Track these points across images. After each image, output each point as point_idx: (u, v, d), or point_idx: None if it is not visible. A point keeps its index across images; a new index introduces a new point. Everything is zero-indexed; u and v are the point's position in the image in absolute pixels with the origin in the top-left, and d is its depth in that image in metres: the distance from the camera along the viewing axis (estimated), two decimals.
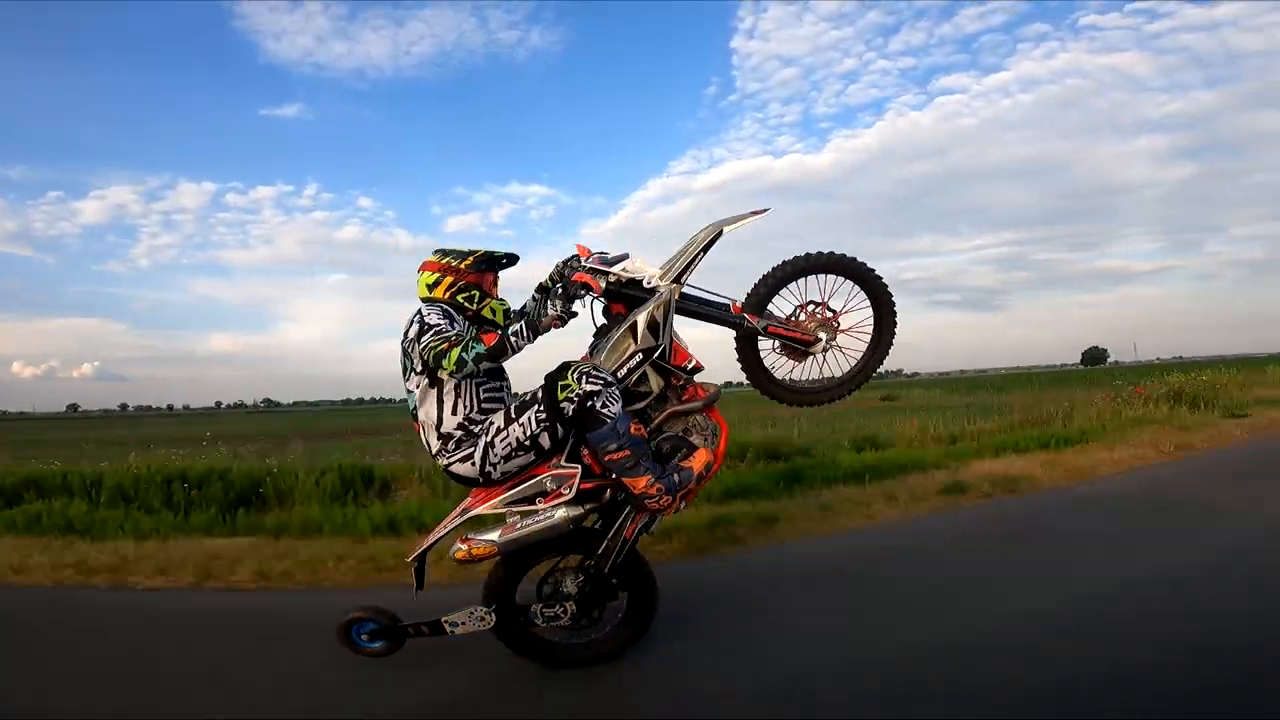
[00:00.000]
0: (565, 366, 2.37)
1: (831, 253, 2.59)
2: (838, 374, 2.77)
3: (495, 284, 2.64)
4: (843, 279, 2.63)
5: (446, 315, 2.39)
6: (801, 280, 2.64)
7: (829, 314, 2.65)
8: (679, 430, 2.54)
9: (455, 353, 2.23)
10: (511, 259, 2.63)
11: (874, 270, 2.66)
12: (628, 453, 2.29)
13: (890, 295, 2.68)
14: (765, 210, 2.57)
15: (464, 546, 2.40)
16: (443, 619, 2.49)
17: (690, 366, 2.51)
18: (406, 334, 2.40)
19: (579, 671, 2.57)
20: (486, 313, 2.57)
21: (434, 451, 2.45)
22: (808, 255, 2.59)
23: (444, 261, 2.54)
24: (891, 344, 2.74)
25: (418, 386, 2.43)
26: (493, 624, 2.48)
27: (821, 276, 2.62)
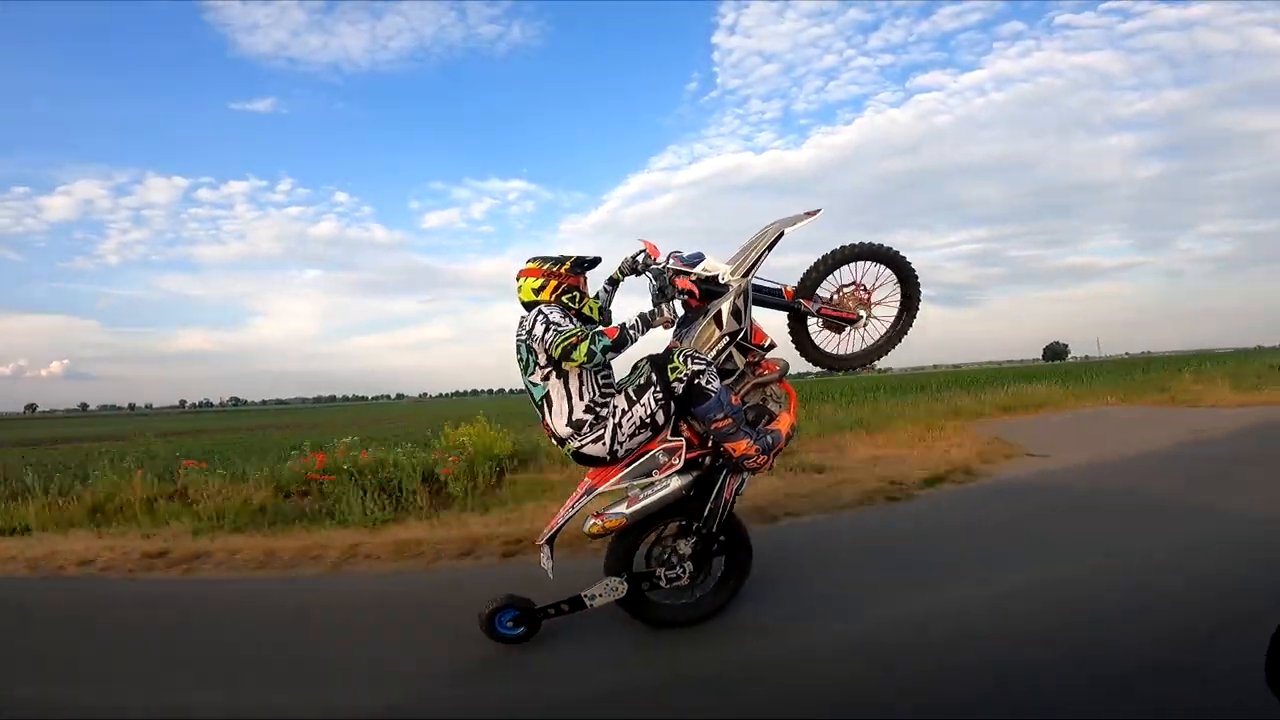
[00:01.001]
0: (670, 351, 2.70)
1: (867, 242, 2.97)
2: (869, 343, 3.14)
3: (587, 285, 2.92)
4: (874, 263, 3.00)
5: (565, 313, 2.69)
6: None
7: (864, 293, 3.02)
8: (760, 400, 2.90)
9: (585, 346, 2.50)
10: (596, 261, 2.91)
11: (901, 253, 3.02)
12: (730, 420, 2.62)
13: (915, 273, 3.04)
14: (819, 211, 2.93)
15: (597, 521, 2.64)
16: (581, 594, 2.71)
17: (767, 345, 2.89)
18: (530, 332, 2.60)
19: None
20: (586, 310, 2.85)
21: (563, 437, 2.68)
22: (847, 246, 2.96)
23: (545, 267, 2.80)
24: (917, 313, 3.11)
25: (544, 379, 2.66)
26: (625, 592, 2.72)
27: (858, 263, 3.00)
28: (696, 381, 2.59)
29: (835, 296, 3.02)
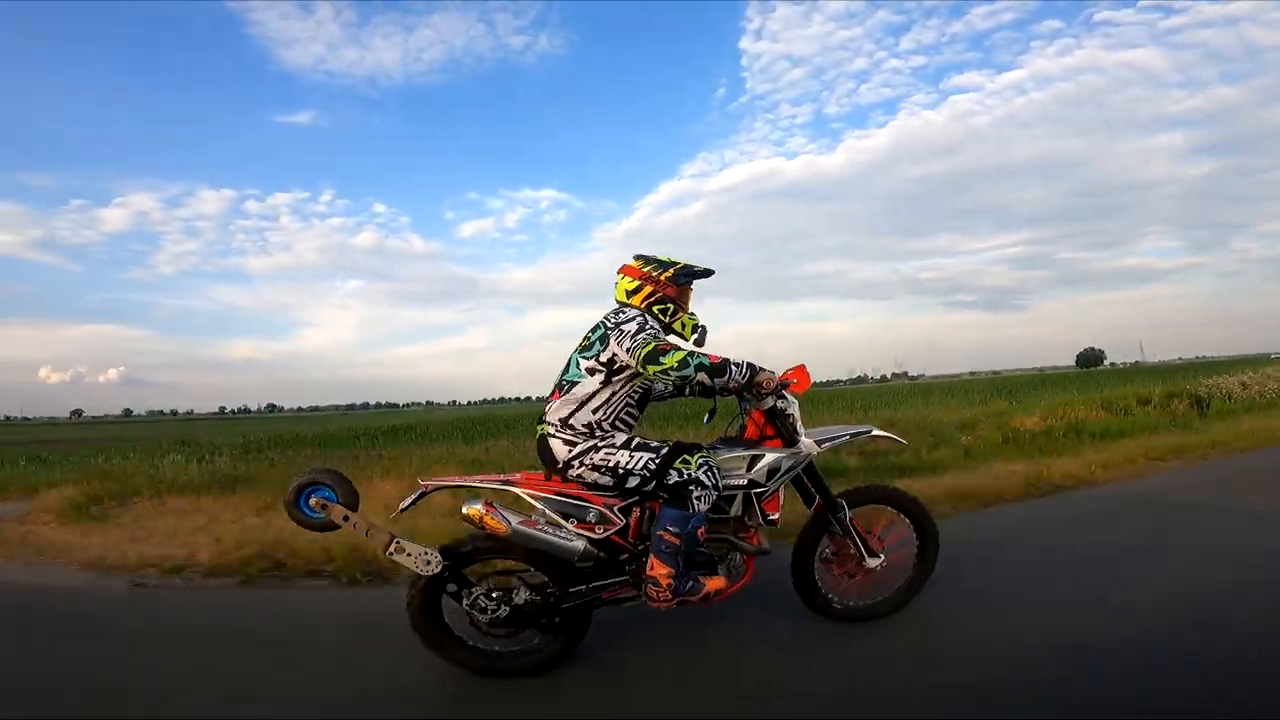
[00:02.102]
0: (696, 448, 2.50)
1: (898, 490, 2.98)
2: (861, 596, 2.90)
3: (689, 298, 2.71)
4: (896, 510, 2.91)
5: (655, 327, 2.52)
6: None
7: (881, 540, 2.87)
8: (716, 553, 2.62)
9: (682, 354, 2.31)
10: (708, 273, 2.72)
11: (926, 511, 2.95)
12: (678, 542, 2.36)
13: (936, 532, 2.93)
14: (906, 445, 3.14)
15: (482, 509, 2.38)
16: (396, 537, 2.40)
17: (772, 518, 2.63)
18: (620, 325, 2.45)
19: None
20: (677, 326, 2.63)
21: (549, 419, 2.52)
22: (888, 489, 2.98)
23: (645, 270, 2.62)
24: (930, 574, 2.95)
25: (589, 372, 2.48)
26: (429, 575, 2.41)
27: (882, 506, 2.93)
28: (690, 489, 2.37)
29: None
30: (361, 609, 3.37)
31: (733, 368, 2.40)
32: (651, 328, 2.46)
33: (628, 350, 2.39)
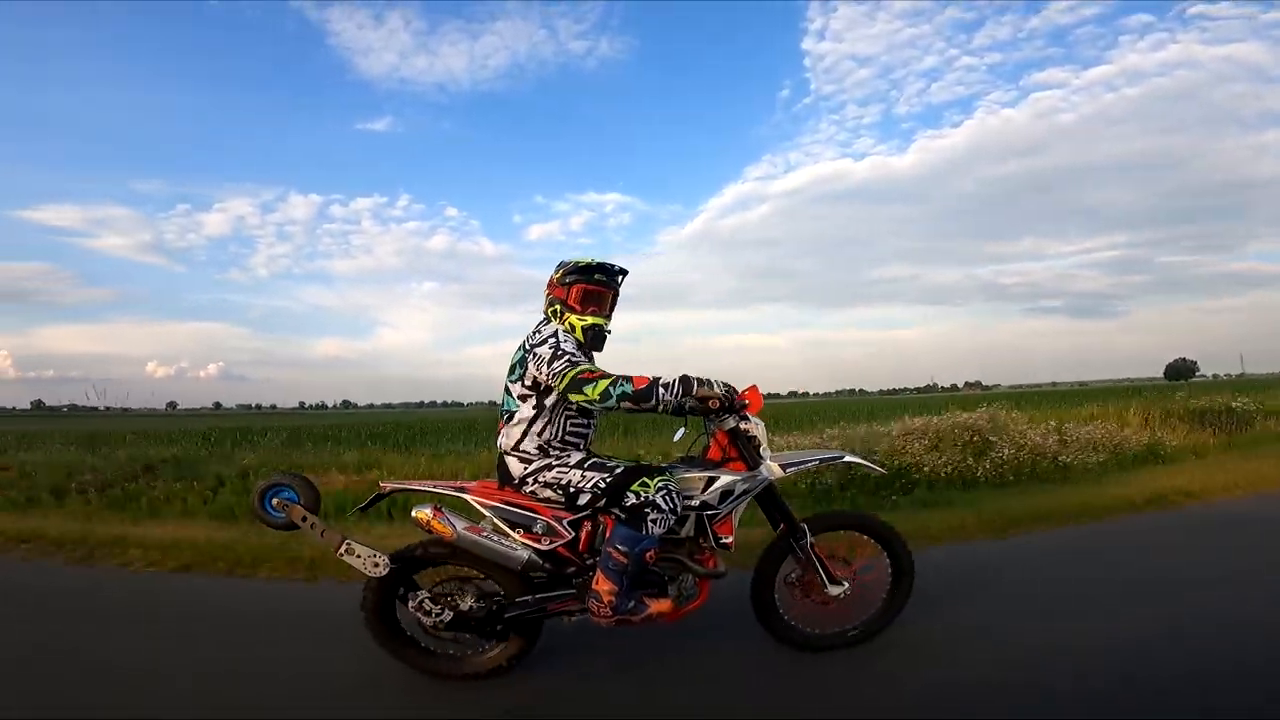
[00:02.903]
0: (656, 471, 2.45)
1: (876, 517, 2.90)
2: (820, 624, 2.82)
3: (592, 298, 2.58)
4: (870, 537, 2.83)
5: (580, 347, 2.49)
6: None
7: (848, 566, 2.80)
8: (668, 574, 2.59)
9: (604, 385, 2.28)
10: (608, 269, 2.59)
11: (902, 540, 2.85)
12: (625, 561, 2.35)
13: (911, 562, 2.84)
14: (884, 472, 3.23)
15: (430, 513, 2.45)
16: (347, 539, 2.49)
17: (725, 541, 2.58)
18: (535, 349, 2.44)
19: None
20: (565, 327, 2.55)
21: (502, 448, 2.56)
22: (864, 516, 2.96)
23: (552, 275, 2.64)
24: (903, 606, 2.86)
25: (521, 399, 2.50)
26: (378, 576, 2.49)
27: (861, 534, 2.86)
28: (645, 511, 2.34)
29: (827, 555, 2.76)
30: None
31: (660, 390, 2.31)
32: (565, 351, 2.39)
33: (548, 377, 2.39)
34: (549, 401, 2.48)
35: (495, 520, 2.52)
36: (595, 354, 2.62)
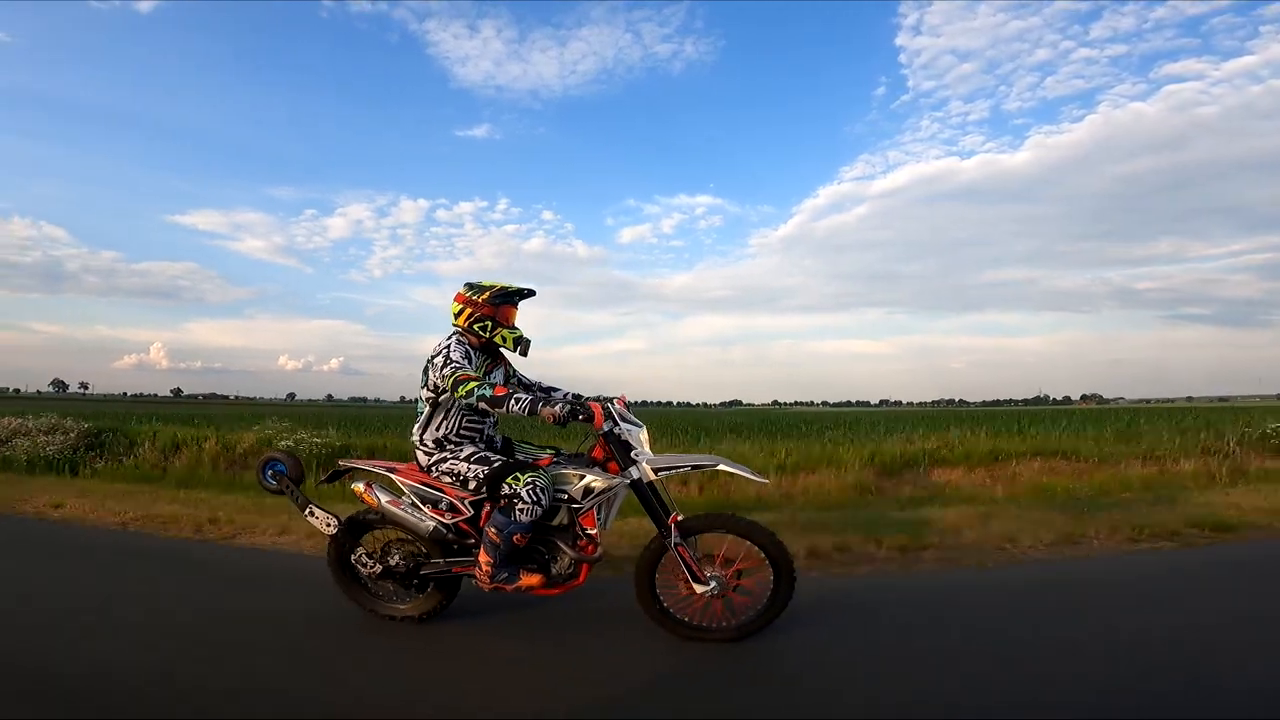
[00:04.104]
0: (529, 468, 2.91)
1: (759, 525, 2.96)
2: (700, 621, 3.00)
3: (511, 315, 3.16)
4: (748, 541, 2.92)
5: (467, 355, 2.99)
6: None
7: (727, 569, 2.95)
8: (549, 554, 3.00)
9: (472, 386, 2.84)
10: (525, 293, 3.19)
11: (781, 544, 2.93)
12: (499, 542, 2.86)
13: (790, 565, 2.92)
14: (767, 482, 3.61)
15: (363, 488, 3.15)
16: (311, 504, 3.24)
17: (589, 532, 2.93)
18: (434, 359, 2.99)
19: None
20: (498, 339, 3.11)
21: (414, 440, 3.15)
22: (740, 519, 2.97)
23: (468, 295, 3.11)
24: (784, 608, 2.96)
25: (427, 401, 3.09)
26: (330, 534, 3.22)
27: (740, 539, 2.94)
28: (514, 502, 2.82)
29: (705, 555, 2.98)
30: None
31: (511, 402, 2.81)
32: (452, 358, 2.93)
33: (440, 379, 2.97)
34: (445, 403, 3.08)
35: (413, 497, 3.11)
36: (523, 358, 3.19)
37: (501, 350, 3.25)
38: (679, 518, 2.95)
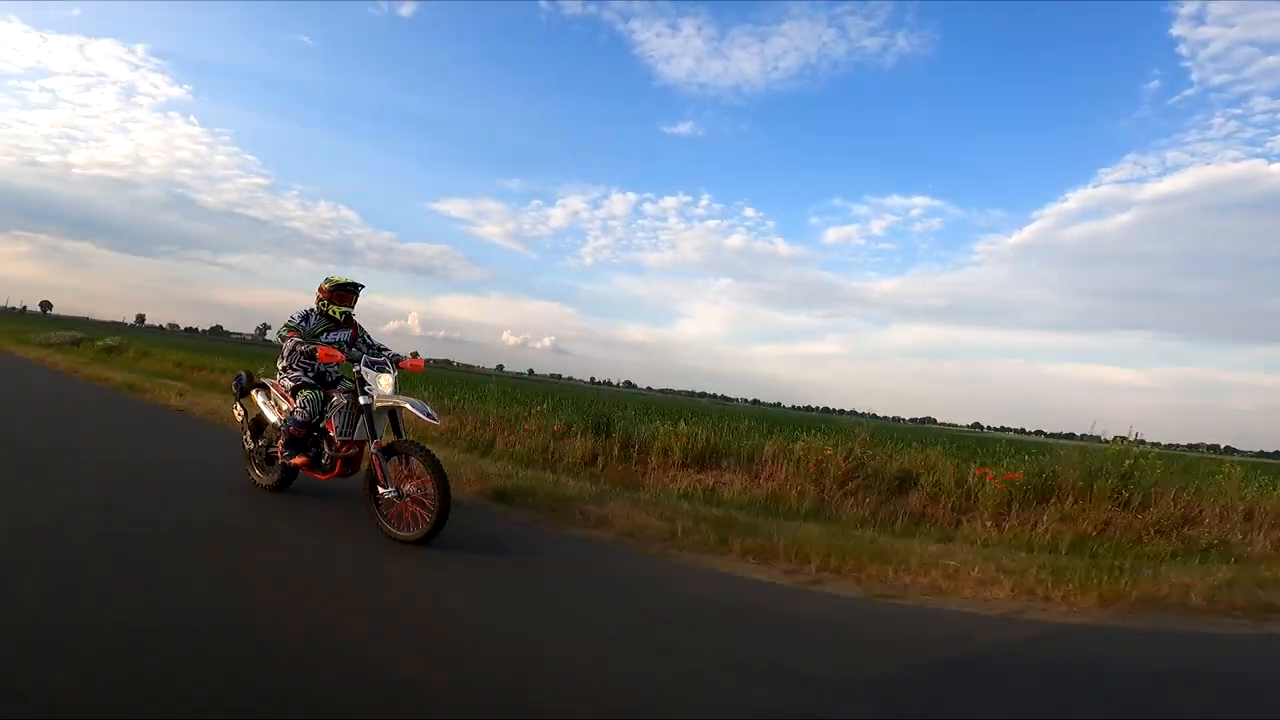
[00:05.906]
0: (312, 389, 4.78)
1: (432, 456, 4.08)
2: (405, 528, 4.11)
3: (345, 300, 4.99)
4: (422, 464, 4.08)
5: (306, 317, 4.93)
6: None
7: (413, 480, 4.14)
8: (318, 448, 4.75)
9: (282, 329, 4.90)
10: (351, 285, 4.99)
11: (442, 469, 4.01)
12: (290, 431, 4.73)
13: (447, 485, 3.97)
14: (436, 423, 4.72)
15: (254, 393, 5.34)
16: (237, 403, 5.68)
17: (330, 434, 4.65)
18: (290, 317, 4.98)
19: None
20: (331, 312, 4.98)
21: (279, 368, 5.10)
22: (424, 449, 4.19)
23: (322, 284, 4.99)
24: (445, 521, 3.99)
25: (281, 340, 4.97)
26: (239, 420, 5.59)
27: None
28: (294, 409, 4.72)
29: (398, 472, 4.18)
30: None
31: (297, 345, 4.79)
32: (292, 316, 4.94)
33: (280, 328, 5.00)
34: (285, 345, 4.96)
35: (276, 401, 5.04)
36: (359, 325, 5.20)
37: (355, 320, 5.12)
38: (382, 442, 4.25)
